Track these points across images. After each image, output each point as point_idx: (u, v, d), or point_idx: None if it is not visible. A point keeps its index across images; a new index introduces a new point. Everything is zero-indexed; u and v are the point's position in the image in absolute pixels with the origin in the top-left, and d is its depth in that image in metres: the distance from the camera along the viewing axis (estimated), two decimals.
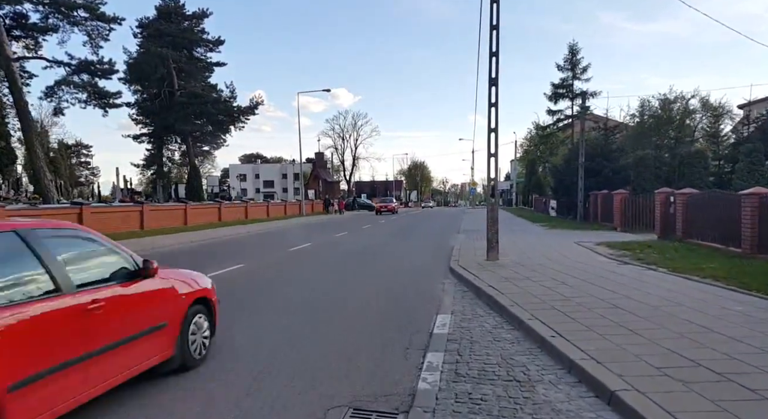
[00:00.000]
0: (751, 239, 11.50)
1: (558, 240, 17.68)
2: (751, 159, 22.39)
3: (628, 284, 8.75)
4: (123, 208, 25.14)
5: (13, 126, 43.71)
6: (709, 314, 6.47)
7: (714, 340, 5.29)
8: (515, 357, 5.27)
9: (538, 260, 12.10)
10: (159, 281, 4.75)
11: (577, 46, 38.12)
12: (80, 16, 36.71)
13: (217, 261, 13.37)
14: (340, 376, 4.75)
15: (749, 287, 8.07)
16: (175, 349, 4.76)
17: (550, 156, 49.02)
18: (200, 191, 57.64)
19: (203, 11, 56.58)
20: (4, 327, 3.06)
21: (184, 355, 4.86)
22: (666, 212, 17.25)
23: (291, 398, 4.24)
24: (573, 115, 39.02)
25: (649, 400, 3.77)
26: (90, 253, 4.34)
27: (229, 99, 58.42)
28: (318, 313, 7.54)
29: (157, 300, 4.70)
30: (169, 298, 4.85)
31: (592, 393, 4.23)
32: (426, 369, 4.89)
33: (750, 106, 29.50)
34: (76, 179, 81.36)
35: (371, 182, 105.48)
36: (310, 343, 5.90)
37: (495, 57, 12.01)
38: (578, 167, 26.77)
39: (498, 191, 13.49)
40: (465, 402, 4.12)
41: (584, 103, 32.67)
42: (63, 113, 44.78)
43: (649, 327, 5.86)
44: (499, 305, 7.38)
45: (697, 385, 4.06)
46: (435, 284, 9.84)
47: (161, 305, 4.74)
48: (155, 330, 4.51)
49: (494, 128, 12.18)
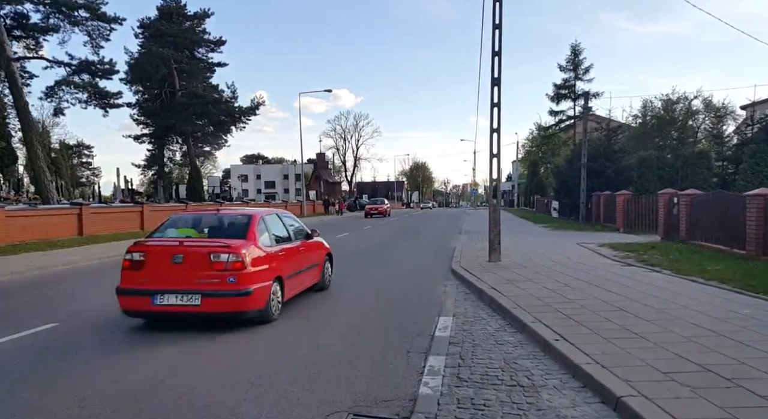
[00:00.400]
0: (756, 240, 11.39)
1: (560, 241, 17.58)
2: (755, 160, 22.23)
3: (633, 286, 8.65)
4: (123, 208, 25.07)
5: (13, 126, 43.74)
6: (715, 317, 6.37)
7: (722, 344, 5.19)
8: (518, 360, 5.17)
9: (541, 262, 12.00)
10: (317, 241, 8.97)
11: (579, 47, 38.11)
12: (81, 16, 36.62)
13: None
14: (340, 380, 4.66)
15: (756, 289, 7.96)
16: (320, 278, 8.95)
17: (552, 157, 48.94)
18: (201, 192, 57.62)
19: (205, 11, 56.57)
20: (280, 253, 7.28)
21: (323, 282, 9.08)
22: (669, 213, 17.15)
23: (290, 403, 4.15)
24: (575, 115, 38.98)
25: (656, 406, 3.68)
26: (293, 224, 8.52)
27: (230, 99, 58.38)
28: (318, 313, 7.47)
29: (316, 250, 8.86)
30: (319, 250, 9.04)
31: (597, 398, 4.13)
32: (427, 373, 4.80)
33: (753, 106, 29.33)
34: (78, 179, 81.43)
35: (373, 183, 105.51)
36: (308, 345, 5.81)
37: (497, 56, 11.92)
38: (580, 168, 26.67)
39: (500, 192, 13.39)
40: (467, 408, 4.03)
41: (586, 103, 32.57)
42: (63, 114, 44.71)
43: (655, 330, 5.76)
44: (502, 307, 7.28)
45: (705, 391, 3.96)
46: (436, 285, 9.75)
47: (317, 253, 8.85)
48: (314, 267, 8.66)
49: (496, 129, 12.09)
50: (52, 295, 9.37)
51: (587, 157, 26.57)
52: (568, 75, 38.83)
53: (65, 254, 14.65)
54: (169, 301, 6.22)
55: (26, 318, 7.10)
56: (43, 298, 9.09)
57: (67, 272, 12.17)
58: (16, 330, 6.41)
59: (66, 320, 7.05)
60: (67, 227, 19.02)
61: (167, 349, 5.69)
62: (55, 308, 8.03)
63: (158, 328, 6.52)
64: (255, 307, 6.44)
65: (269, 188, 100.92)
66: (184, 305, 6.20)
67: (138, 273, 6.44)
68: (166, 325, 6.49)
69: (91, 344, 5.98)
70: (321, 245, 9.11)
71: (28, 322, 6.83)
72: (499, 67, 11.95)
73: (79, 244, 17.21)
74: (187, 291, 6.19)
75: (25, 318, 7.11)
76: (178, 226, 7.37)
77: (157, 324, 6.61)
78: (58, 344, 5.99)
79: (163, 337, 6.15)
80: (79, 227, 19.44)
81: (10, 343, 5.98)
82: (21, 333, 6.31)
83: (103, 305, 8.04)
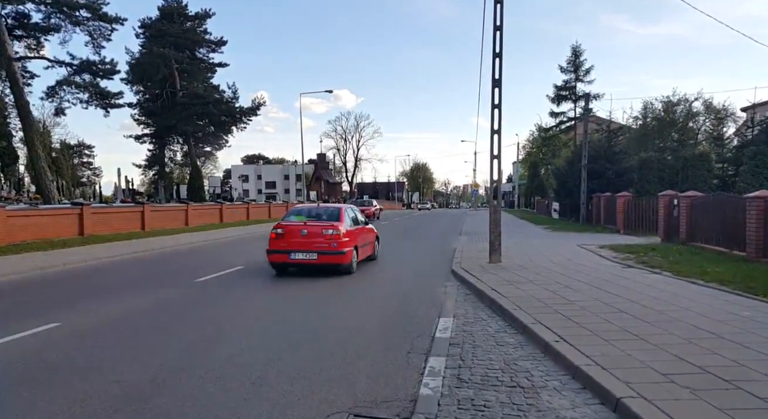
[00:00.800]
0: (756, 242, 11.39)
1: (561, 243, 17.59)
2: (755, 162, 22.21)
3: (633, 288, 8.65)
4: (123, 208, 25.03)
5: (14, 126, 43.83)
6: (715, 319, 6.37)
7: (721, 346, 5.20)
8: (519, 362, 5.18)
9: (541, 263, 12.00)
10: (370, 227, 13.37)
11: (580, 48, 38.11)
12: (82, 16, 36.70)
13: (219, 262, 13.30)
14: (340, 381, 4.67)
15: (756, 291, 7.96)
16: (373, 252, 13.48)
17: (552, 158, 48.97)
18: (202, 192, 57.63)
19: (206, 12, 56.65)
20: (355, 231, 11.79)
21: (374, 255, 13.58)
22: (669, 214, 17.15)
23: (292, 403, 4.16)
24: (576, 117, 38.96)
25: (655, 408, 3.69)
26: (357, 215, 12.66)
27: (231, 100, 58.44)
28: (318, 314, 7.47)
29: (370, 233, 13.27)
30: (372, 233, 13.42)
31: (597, 399, 4.14)
32: (428, 374, 4.81)
33: (754, 108, 29.33)
34: (78, 179, 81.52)
35: (373, 184, 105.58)
36: (308, 346, 5.82)
37: (498, 58, 11.93)
38: (581, 169, 26.67)
39: (500, 193, 13.40)
40: (468, 409, 4.04)
41: (587, 105, 32.56)
42: (64, 113, 44.82)
43: (655, 332, 5.77)
44: (502, 308, 7.29)
45: (705, 392, 3.97)
46: (437, 286, 9.76)
47: (371, 234, 13.27)
48: (369, 244, 13.00)
49: (497, 130, 12.10)
50: (53, 295, 9.38)
51: (588, 158, 26.57)
52: (569, 76, 38.84)
53: (66, 254, 14.67)
54: (298, 256, 10.77)
55: (27, 318, 7.11)
56: (45, 298, 9.10)
57: (68, 272, 12.18)
58: (18, 330, 6.42)
59: (67, 320, 7.06)
60: (68, 227, 19.03)
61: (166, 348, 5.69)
62: (56, 308, 8.03)
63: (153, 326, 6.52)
64: (346, 262, 10.99)
65: (270, 188, 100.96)
66: (307, 259, 10.76)
67: (280, 241, 10.93)
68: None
69: (92, 344, 5.99)
70: (372, 230, 13.68)
71: (30, 322, 6.84)
72: (500, 69, 11.96)
73: (80, 244, 17.22)
74: (309, 251, 10.73)
75: (27, 318, 7.11)
76: (297, 214, 12.24)
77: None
78: (59, 344, 5.99)
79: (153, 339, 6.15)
80: (80, 227, 19.45)
81: (12, 343, 5.99)
82: (22, 333, 6.32)
83: (104, 306, 8.07)
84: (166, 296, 8.94)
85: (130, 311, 7.74)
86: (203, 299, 8.70)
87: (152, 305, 8.22)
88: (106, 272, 12.23)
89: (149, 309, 7.95)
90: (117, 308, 7.96)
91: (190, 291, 9.42)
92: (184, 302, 8.55)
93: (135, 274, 11.99)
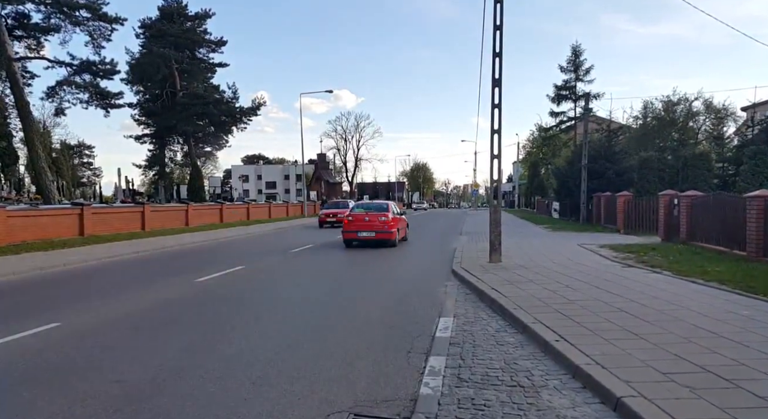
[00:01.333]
0: (756, 242, 11.38)
1: (561, 242, 17.59)
2: (755, 161, 22.22)
3: (633, 287, 8.65)
4: (124, 209, 25.05)
5: (15, 126, 43.83)
6: (715, 318, 6.37)
7: (722, 345, 5.20)
8: (519, 361, 5.18)
9: (541, 263, 12.00)
10: (404, 218, 19.78)
11: (580, 48, 38.17)
12: (82, 16, 36.75)
13: (219, 263, 13.31)
14: (340, 380, 4.67)
15: (756, 291, 7.96)
16: (406, 235, 19.62)
17: (552, 158, 48.97)
18: (202, 192, 57.68)
19: (206, 12, 56.71)
20: (399, 221, 18.14)
21: (406, 237, 19.62)
22: (669, 214, 17.15)
23: (293, 402, 4.16)
24: (576, 116, 38.99)
25: (655, 407, 3.68)
26: (396, 208, 18.53)
27: (231, 100, 58.51)
28: (318, 315, 7.48)
29: (403, 221, 19.21)
30: (404, 221, 19.50)
31: (597, 399, 4.14)
32: (428, 374, 4.81)
33: (754, 108, 29.33)
34: (79, 179, 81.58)
35: (373, 184, 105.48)
36: (309, 346, 5.82)
37: (498, 58, 11.92)
38: (581, 169, 26.67)
39: (501, 193, 13.39)
40: (468, 408, 4.04)
41: (587, 104, 32.57)
42: (64, 114, 44.94)
43: (655, 331, 5.77)
44: (502, 308, 7.29)
45: (705, 391, 3.97)
46: (437, 286, 9.76)
47: (404, 222, 19.35)
48: (402, 229, 18.71)
49: (497, 130, 12.09)
50: (53, 295, 9.39)
51: (588, 158, 26.57)
52: (569, 76, 38.88)
53: (66, 254, 14.68)
54: (363, 235, 16.72)
55: (27, 318, 7.12)
56: (45, 298, 9.10)
57: (69, 272, 12.19)
58: (18, 330, 6.43)
59: (67, 320, 7.07)
60: (68, 227, 19.04)
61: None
62: (56, 308, 8.03)
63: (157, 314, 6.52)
64: (394, 238, 16.80)
65: (270, 188, 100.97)
66: (369, 236, 16.60)
67: (351, 224, 16.95)
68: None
69: (92, 344, 5.99)
70: (405, 220, 19.53)
71: (30, 322, 6.84)
72: (500, 69, 11.96)
73: (80, 244, 17.24)
74: (370, 230, 16.62)
75: (27, 318, 7.12)
76: (359, 207, 18.48)
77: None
78: (59, 344, 5.99)
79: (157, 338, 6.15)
80: (80, 227, 19.47)
81: (12, 343, 5.99)
82: (22, 333, 6.32)
83: (104, 305, 8.07)
84: (166, 296, 8.94)
85: (130, 311, 7.74)
86: (203, 300, 8.69)
87: (152, 305, 8.22)
88: (106, 273, 12.23)
89: (149, 309, 7.95)
90: (117, 308, 7.96)
91: (190, 291, 9.42)
92: (184, 302, 8.55)
93: (135, 274, 12.00)
